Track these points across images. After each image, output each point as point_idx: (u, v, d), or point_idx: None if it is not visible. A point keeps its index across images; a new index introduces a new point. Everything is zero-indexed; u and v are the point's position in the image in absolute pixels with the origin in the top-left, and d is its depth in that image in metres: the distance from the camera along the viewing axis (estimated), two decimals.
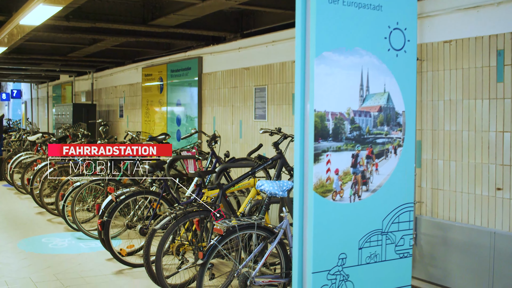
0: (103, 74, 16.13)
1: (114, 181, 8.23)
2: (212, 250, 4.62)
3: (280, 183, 4.94)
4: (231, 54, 9.96)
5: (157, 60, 12.81)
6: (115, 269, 6.67)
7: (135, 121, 13.94)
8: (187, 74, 11.25)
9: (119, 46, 12.37)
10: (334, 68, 3.20)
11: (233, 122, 9.97)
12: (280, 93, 8.76)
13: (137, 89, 13.86)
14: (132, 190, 6.75)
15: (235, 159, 7.49)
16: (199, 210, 5.44)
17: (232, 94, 9.95)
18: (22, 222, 9.37)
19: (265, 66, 9.09)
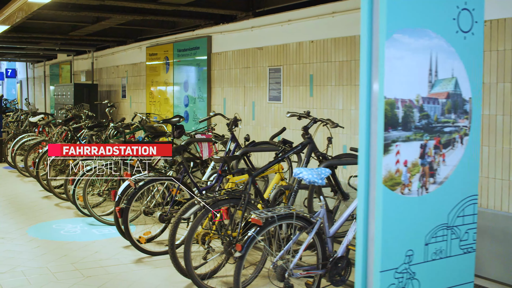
0: (104, 53, 15.74)
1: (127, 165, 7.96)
2: (251, 241, 4.38)
3: (318, 171, 4.70)
4: (243, 34, 9.65)
5: (162, 39, 12.45)
6: (134, 258, 6.43)
7: (139, 101, 13.61)
8: (195, 53, 10.92)
9: (121, 25, 12.00)
10: (403, 52, 2.93)
11: (245, 104, 9.69)
12: (296, 74, 8.49)
13: (140, 68, 13.51)
14: (151, 176, 6.49)
15: (255, 143, 7.24)
16: (229, 198, 5.19)
17: (244, 74, 9.66)
18: (29, 207, 9.10)
19: (280, 46, 8.80)
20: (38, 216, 8.44)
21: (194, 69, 11.00)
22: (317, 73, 8.12)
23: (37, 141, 11.24)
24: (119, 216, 6.29)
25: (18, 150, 11.97)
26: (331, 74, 7.88)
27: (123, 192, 6.77)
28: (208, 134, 8.32)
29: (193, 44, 10.99)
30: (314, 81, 8.17)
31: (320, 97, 8.08)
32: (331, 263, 4.80)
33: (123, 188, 6.79)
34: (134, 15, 10.27)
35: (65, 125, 10.50)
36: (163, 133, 9.38)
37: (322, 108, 8.04)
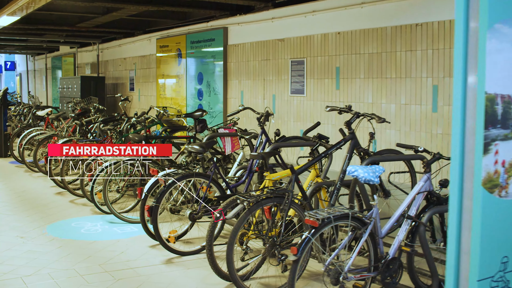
0: (110, 45, 15.40)
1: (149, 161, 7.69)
2: (306, 244, 4.13)
3: (373, 169, 4.45)
4: (263, 25, 9.36)
5: (173, 31, 12.14)
6: (163, 258, 6.17)
7: (148, 95, 13.31)
8: (210, 45, 10.63)
9: (130, 16, 11.68)
10: (504, 44, 2.68)
11: (264, 97, 9.42)
12: (321, 67, 8.22)
13: (150, 61, 13.20)
14: (181, 173, 6.21)
15: (286, 138, 6.98)
16: (273, 197, 4.93)
17: (264, 67, 9.38)
18: (44, 204, 8.80)
19: (303, 38, 8.53)
20: (54, 214, 8.16)
21: (209, 62, 10.71)
22: (344, 66, 7.85)
23: (46, 136, 10.93)
24: (148, 215, 6.01)
25: (26, 145, 11.65)
26: (359, 67, 7.62)
27: (150, 189, 6.51)
28: (232, 128, 8.05)
29: (208, 36, 10.69)
30: (340, 74, 7.91)
31: (347, 90, 7.83)
32: (383, 265, 4.57)
33: (149, 185, 6.52)
34: (148, 6, 9.96)
35: (77, 119, 10.19)
36: (182, 127, 9.11)
37: (350, 101, 7.78)
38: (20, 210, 8.35)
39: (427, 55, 6.74)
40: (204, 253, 6.26)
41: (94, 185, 7.89)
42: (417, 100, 6.91)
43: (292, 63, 8.76)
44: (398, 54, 7.09)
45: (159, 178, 6.11)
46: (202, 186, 6.32)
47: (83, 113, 10.34)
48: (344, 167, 5.52)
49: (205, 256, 6.19)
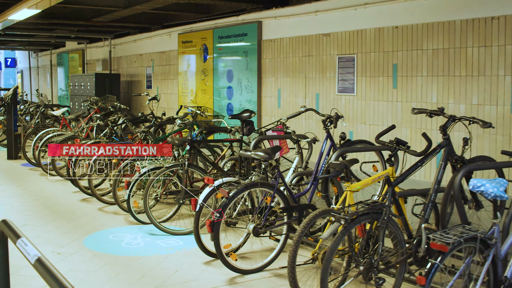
0: (124, 40, 14.69)
1: (196, 168, 7.06)
2: (435, 272, 3.52)
3: (499, 182, 3.84)
4: (305, 18, 8.73)
5: (197, 25, 11.47)
6: (225, 277, 5.54)
7: (168, 92, 12.63)
8: (242, 40, 9.98)
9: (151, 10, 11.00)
10: None
11: (306, 95, 8.79)
12: (375, 64, 7.61)
13: (170, 57, 12.52)
14: (244, 183, 5.57)
15: (351, 142, 6.36)
16: (370, 213, 4.32)
17: (305, 63, 8.75)
18: (71, 212, 8.14)
19: (353, 32, 7.90)
20: (86, 224, 7.50)
21: (240, 58, 10.06)
22: (402, 62, 7.24)
23: (66, 137, 10.26)
24: (210, 230, 5.36)
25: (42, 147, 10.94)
26: (421, 64, 7.01)
27: (205, 199, 5.88)
28: (281, 131, 7.43)
29: (239, 30, 10.04)
30: (398, 71, 7.30)
31: (406, 89, 7.22)
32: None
33: (205, 195, 5.89)
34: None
35: (103, 119, 9.50)
36: (220, 129, 8.49)
37: (409, 101, 7.17)
38: (48, 220, 7.68)
39: (505, 51, 6.15)
40: (268, 271, 5.70)
41: (131, 193, 7.25)
42: (493, 100, 6.31)
43: (339, 60, 8.13)
44: (470, 50, 6.49)
45: (221, 189, 5.46)
46: (266, 197, 5.69)
47: (109, 113, 9.65)
48: (439, 177, 4.90)
49: (270, 274, 5.63)
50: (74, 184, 9.29)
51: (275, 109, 9.43)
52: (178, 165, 6.92)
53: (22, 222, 7.53)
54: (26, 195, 9.34)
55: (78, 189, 9.28)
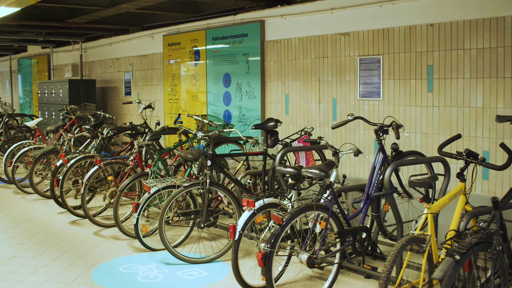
0: (97, 44, 13.58)
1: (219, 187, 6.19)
2: None
3: None
4: (318, 17, 7.98)
5: (185, 26, 10.56)
6: None
7: (151, 99, 11.64)
8: (242, 41, 9.14)
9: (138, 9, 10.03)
10: None
11: (320, 101, 8.04)
12: (405, 65, 6.93)
13: (153, 61, 11.54)
14: (299, 207, 4.75)
15: (403, 153, 5.63)
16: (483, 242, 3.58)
17: (319, 65, 8.00)
18: (65, 239, 7.14)
19: (378, 31, 7.21)
20: (88, 253, 6.53)
21: (239, 60, 9.22)
22: (439, 64, 6.58)
23: (45, 151, 9.19)
24: (262, 264, 4.52)
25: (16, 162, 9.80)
26: (462, 65, 6.37)
27: (244, 226, 5.05)
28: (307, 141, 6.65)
29: (238, 31, 9.21)
30: (434, 73, 6.64)
31: (444, 93, 6.56)
32: None
33: (244, 220, 5.05)
34: None
35: (93, 131, 8.46)
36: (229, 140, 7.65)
37: (448, 105, 6.52)
38: (40, 250, 6.66)
39: None
40: None
41: (139, 217, 6.33)
42: None
43: (361, 61, 7.42)
44: None
45: (274, 214, 4.62)
46: (319, 221, 4.89)
47: (99, 124, 8.61)
48: None
49: None
50: (61, 204, 8.27)
51: (282, 115, 8.64)
52: (197, 183, 6.04)
53: (10, 254, 6.50)
54: (8, 219, 8.23)
55: (65, 210, 8.28)
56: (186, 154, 6.49)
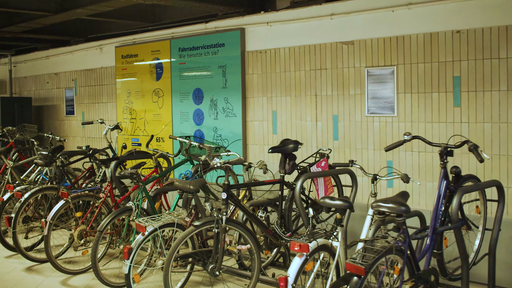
0: (30, 57, 11.97)
1: (237, 225, 5.08)
2: None
3: None
4: (314, 23, 7.09)
5: (143, 36, 9.35)
6: None
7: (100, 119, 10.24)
8: (217, 52, 8.08)
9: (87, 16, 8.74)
10: None
11: (317, 118, 7.13)
12: (425, 77, 6.18)
13: (103, 75, 10.20)
14: (377, 251, 3.76)
15: (463, 178, 4.79)
16: None
17: (316, 78, 7.10)
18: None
19: (391, 39, 6.42)
20: None
21: (213, 74, 8.15)
22: (469, 75, 5.86)
23: None
24: None
25: None
26: (496, 76, 5.68)
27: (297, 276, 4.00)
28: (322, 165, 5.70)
29: (211, 40, 8.14)
30: (462, 85, 5.90)
31: (475, 107, 5.84)
32: None
33: (297, 269, 4.00)
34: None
35: (52, 157, 7.03)
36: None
37: (480, 121, 5.80)
38: None
39: None
40: None
41: (131, 264, 5.11)
42: None
43: (369, 73, 6.59)
44: None
45: (350, 263, 3.60)
46: (393, 267, 3.93)
47: (58, 148, 7.20)
48: None
49: None
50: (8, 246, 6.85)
51: (268, 135, 7.65)
52: (211, 221, 4.90)
53: None
54: None
55: (15, 253, 6.85)
56: (185, 184, 5.33)
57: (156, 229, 5.15)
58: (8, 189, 7.03)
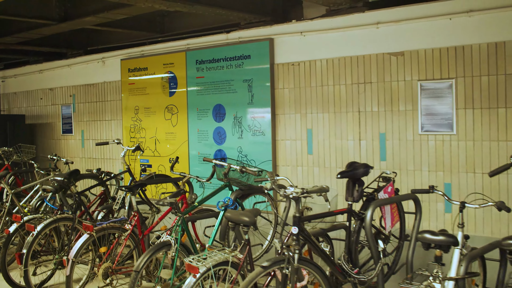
0: (21, 71, 11.08)
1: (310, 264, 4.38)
2: None
3: None
4: (357, 33, 6.48)
5: (152, 48, 8.60)
6: None
7: (103, 138, 9.45)
8: (241, 65, 7.41)
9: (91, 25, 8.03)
10: None
11: (360, 137, 6.49)
12: (490, 91, 5.60)
13: (105, 91, 9.40)
14: None
15: None
16: None
17: (359, 93, 6.48)
18: None
19: (449, 50, 5.84)
20: None
21: (237, 88, 7.47)
22: None
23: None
24: None
25: None
26: None
27: None
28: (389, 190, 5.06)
29: (235, 52, 7.47)
30: None
31: None
32: None
33: None
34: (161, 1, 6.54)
35: (68, 183, 6.20)
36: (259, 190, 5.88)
37: None
38: None
39: None
40: None
41: None
42: None
43: (423, 87, 5.98)
44: None
45: None
46: None
47: (74, 173, 6.36)
48: None
49: None
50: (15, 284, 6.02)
51: (303, 156, 6.98)
52: (281, 261, 4.19)
53: None
54: None
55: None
56: (239, 216, 4.61)
57: (209, 268, 4.41)
58: (15, 220, 6.20)
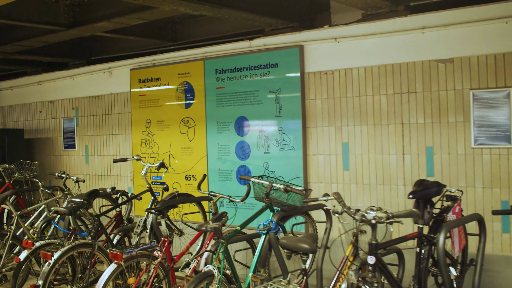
0: (18, 83, 10.43)
1: None
2: None
3: None
4: (398, 39, 6.00)
5: (165, 57, 8.04)
6: None
7: (110, 154, 8.83)
8: (268, 74, 6.89)
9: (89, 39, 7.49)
10: None
11: (403, 151, 5.99)
12: None
13: (111, 103, 8.80)
14: None
15: None
16: None
17: (402, 104, 5.98)
18: None
19: (505, 56, 5.39)
20: None
21: (263, 99, 6.94)
22: None
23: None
24: None
25: None
26: None
27: None
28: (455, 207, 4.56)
29: (260, 60, 6.95)
30: None
31: None
32: None
33: None
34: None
35: (87, 204, 5.58)
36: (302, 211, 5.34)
37: None
38: None
39: None
40: None
41: None
42: None
43: (476, 97, 5.52)
44: None
45: None
46: None
47: (93, 193, 5.73)
48: None
49: None
50: None
51: (338, 172, 6.46)
52: None
53: None
54: None
55: None
56: (298, 243, 4.05)
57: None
58: (26, 246, 5.57)
